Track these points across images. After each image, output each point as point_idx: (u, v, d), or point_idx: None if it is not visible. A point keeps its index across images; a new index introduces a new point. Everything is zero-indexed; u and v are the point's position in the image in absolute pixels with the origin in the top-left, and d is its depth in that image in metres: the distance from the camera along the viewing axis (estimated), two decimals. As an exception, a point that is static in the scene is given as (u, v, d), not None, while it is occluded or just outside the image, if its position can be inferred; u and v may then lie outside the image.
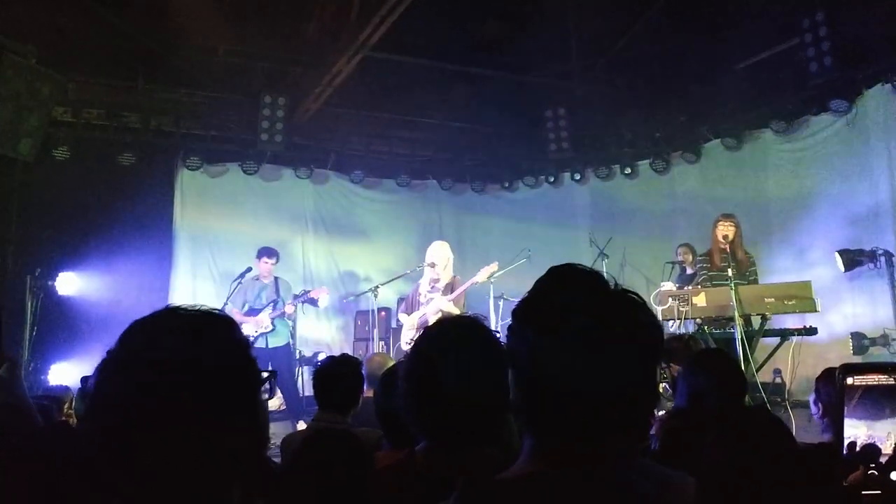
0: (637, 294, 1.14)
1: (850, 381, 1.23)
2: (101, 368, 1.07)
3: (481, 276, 7.10)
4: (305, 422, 4.57)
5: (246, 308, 7.70)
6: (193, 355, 1.06)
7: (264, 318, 7.59)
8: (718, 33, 8.34)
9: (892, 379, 1.21)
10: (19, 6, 7.07)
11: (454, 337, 1.74)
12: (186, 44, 8.22)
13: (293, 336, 8.59)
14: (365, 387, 3.61)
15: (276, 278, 7.97)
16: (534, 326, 1.10)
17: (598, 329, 1.06)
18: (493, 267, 7.14)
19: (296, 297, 7.95)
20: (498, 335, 1.86)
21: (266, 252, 7.96)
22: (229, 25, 8.07)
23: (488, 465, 1.64)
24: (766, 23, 8.18)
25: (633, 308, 1.10)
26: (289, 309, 7.77)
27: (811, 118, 8.44)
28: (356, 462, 1.74)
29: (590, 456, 1.07)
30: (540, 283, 1.16)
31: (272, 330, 7.60)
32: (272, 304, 7.73)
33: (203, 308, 1.15)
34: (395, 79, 9.00)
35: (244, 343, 1.14)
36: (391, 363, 4.00)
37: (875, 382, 1.22)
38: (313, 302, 8.27)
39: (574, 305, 1.08)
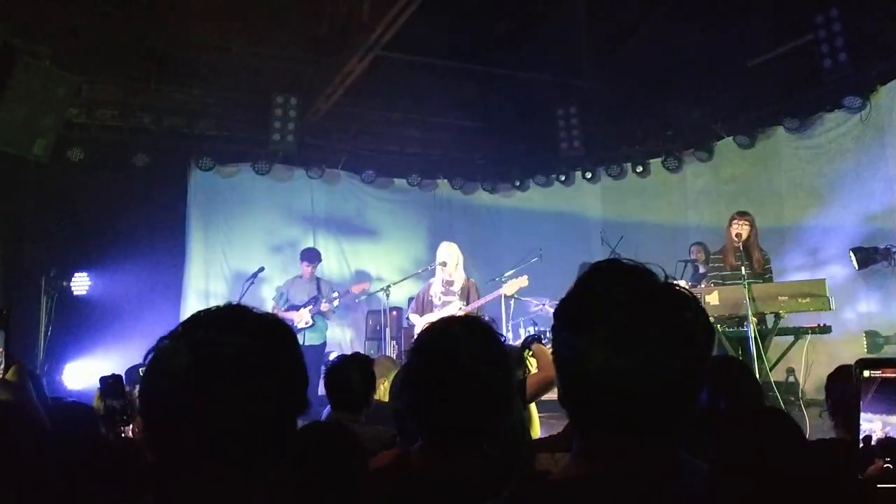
0: (686, 290, 1.11)
1: (866, 373, 1.22)
2: (161, 359, 1.08)
3: (508, 289, 6.98)
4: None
5: (286, 305, 7.85)
6: (260, 355, 1.08)
7: (304, 314, 7.82)
8: (730, 30, 8.29)
9: (907, 372, 1.21)
10: (33, 8, 7.13)
11: (457, 333, 1.73)
12: (199, 44, 8.27)
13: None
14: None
15: (317, 278, 8.18)
16: (572, 325, 1.09)
17: (636, 326, 1.03)
18: (523, 281, 7.01)
19: (338, 293, 8.16)
20: (504, 337, 1.84)
21: (307, 257, 8.21)
22: (241, 26, 8.12)
23: (485, 466, 1.62)
24: (779, 19, 8.12)
25: (676, 304, 1.07)
26: (324, 307, 7.89)
27: (825, 115, 8.37)
28: (348, 454, 1.73)
29: (639, 455, 1.06)
30: (579, 281, 1.13)
31: (311, 325, 7.82)
32: (313, 300, 7.90)
33: (265, 312, 1.19)
34: (406, 78, 9.02)
35: (300, 351, 1.18)
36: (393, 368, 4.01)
37: (892, 375, 1.22)
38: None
39: (612, 302, 1.05)
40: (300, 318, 7.72)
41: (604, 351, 1.03)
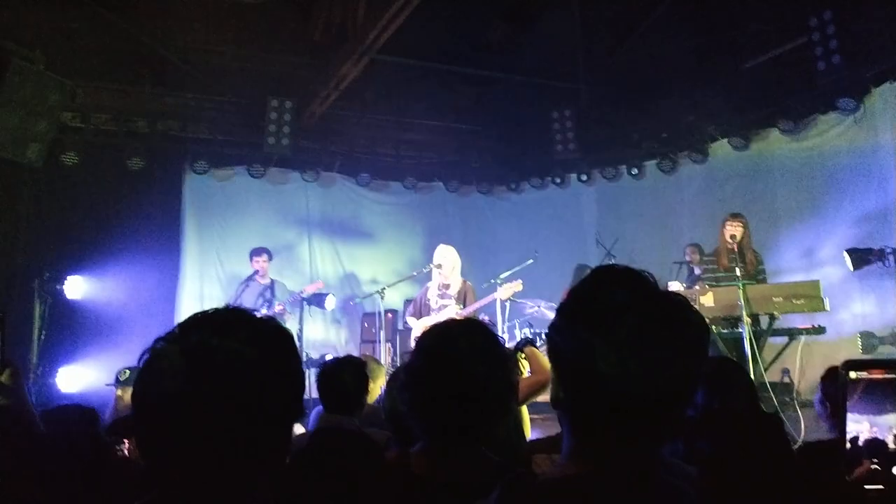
0: (682, 296, 1.15)
1: (853, 375, 1.22)
2: (154, 361, 1.07)
3: (502, 293, 7.02)
4: (303, 424, 4.50)
5: None
6: (255, 360, 1.06)
7: None
8: (725, 32, 8.31)
9: (893, 374, 1.21)
10: (27, 12, 7.12)
11: (458, 335, 1.76)
12: (193, 48, 8.27)
13: (300, 339, 8.60)
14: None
15: (272, 280, 8.07)
16: (585, 324, 1.09)
17: (650, 328, 1.06)
18: (517, 286, 7.06)
19: (292, 295, 8.08)
20: (503, 337, 1.87)
21: (256, 252, 8.16)
22: (236, 30, 8.12)
23: (484, 467, 1.63)
24: (774, 21, 8.14)
25: (681, 308, 1.11)
26: (277, 308, 7.84)
27: (819, 117, 8.39)
28: (367, 459, 1.74)
29: (631, 456, 1.07)
30: (588, 282, 1.15)
31: None
32: (266, 304, 7.82)
33: (265, 314, 1.19)
34: (401, 81, 9.02)
35: (298, 357, 1.16)
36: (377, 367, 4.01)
37: (879, 377, 1.22)
38: (320, 304, 8.29)
39: (626, 304, 1.07)
40: None
41: (619, 352, 1.04)
